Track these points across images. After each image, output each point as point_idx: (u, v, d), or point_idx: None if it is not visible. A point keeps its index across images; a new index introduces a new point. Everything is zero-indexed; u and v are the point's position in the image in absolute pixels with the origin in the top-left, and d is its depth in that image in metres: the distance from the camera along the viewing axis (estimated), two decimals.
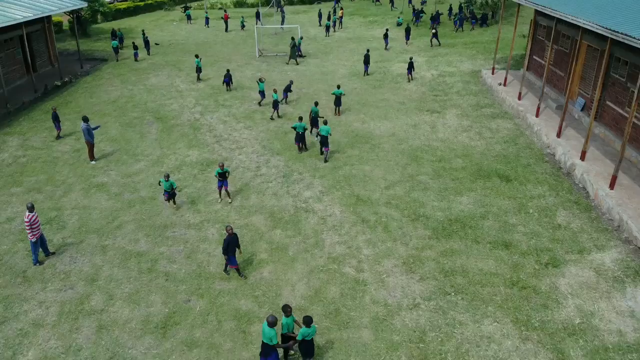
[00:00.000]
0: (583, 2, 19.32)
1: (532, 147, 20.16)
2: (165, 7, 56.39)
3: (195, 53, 36.45)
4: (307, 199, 16.88)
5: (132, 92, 28.86)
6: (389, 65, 32.94)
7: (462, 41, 37.99)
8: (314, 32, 44.70)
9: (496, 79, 27.96)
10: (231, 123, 24.06)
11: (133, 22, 49.67)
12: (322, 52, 37.64)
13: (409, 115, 24.30)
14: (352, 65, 33.60)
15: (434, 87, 28.05)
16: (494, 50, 34.34)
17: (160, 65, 34.44)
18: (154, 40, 41.21)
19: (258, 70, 33.00)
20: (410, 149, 20.51)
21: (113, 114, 25.41)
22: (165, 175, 15.87)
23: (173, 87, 29.57)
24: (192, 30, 46.02)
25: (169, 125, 23.92)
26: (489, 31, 40.76)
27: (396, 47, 37.86)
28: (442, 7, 51.33)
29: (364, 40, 40.88)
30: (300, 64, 34.34)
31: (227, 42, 41.31)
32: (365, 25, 46.91)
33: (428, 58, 34.07)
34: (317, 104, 21.72)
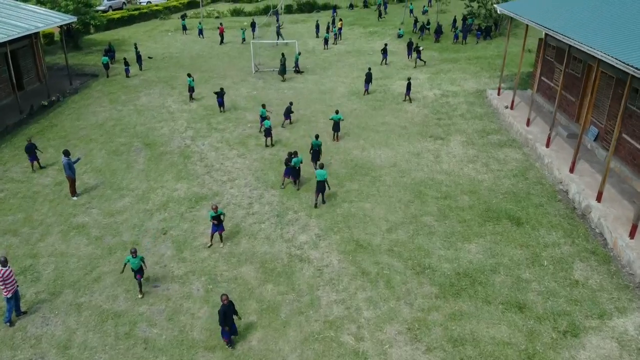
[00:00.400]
0: (597, 26, 18.09)
1: (543, 183, 18.90)
2: (161, 16, 55.07)
3: (189, 68, 35.36)
4: (302, 244, 15.62)
5: (121, 113, 27.58)
6: (389, 83, 31.68)
7: (465, 56, 36.73)
8: (312, 44, 43.44)
9: (502, 101, 26.71)
10: (223, 150, 22.80)
11: (127, 33, 48.39)
12: (321, 67, 36.38)
13: (411, 141, 23.04)
14: (352, 83, 32.34)
15: (437, 110, 26.78)
16: (500, 67, 33.19)
17: (152, 82, 33.17)
18: (147, 54, 39.93)
19: (254, 88, 31.75)
20: (413, 182, 19.26)
21: (99, 140, 24.13)
22: (131, 251, 13.21)
23: (164, 108, 28.31)
24: (187, 42, 44.75)
25: (158, 152, 22.65)
26: (493, 44, 39.50)
27: (397, 62, 36.60)
28: (445, 17, 50.06)
29: (363, 54, 39.63)
30: (297, 80, 33.08)
31: (222, 56, 40.06)
32: (365, 37, 45.66)
33: (430, 75, 32.82)
34: (317, 137, 20.18)
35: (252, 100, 29.38)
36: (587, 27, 18.76)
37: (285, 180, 19.12)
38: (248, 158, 21.96)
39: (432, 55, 37.71)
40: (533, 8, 24.39)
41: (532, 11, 23.93)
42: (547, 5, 24.10)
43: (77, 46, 41.25)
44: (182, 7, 60.40)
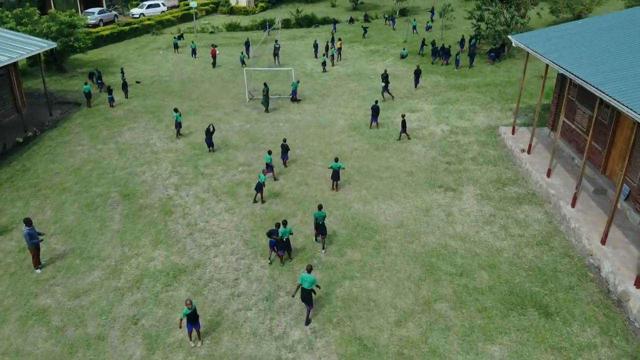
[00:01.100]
0: (631, 73, 15.83)
1: (570, 255, 16.59)
2: (153, 31, 52.77)
3: (178, 96, 33.15)
4: (294, 344, 13.30)
5: (101, 153, 25.27)
6: (392, 116, 29.37)
7: (474, 82, 34.41)
8: (310, 66, 41.15)
9: (517, 141, 24.41)
10: (210, 203, 20.49)
11: (116, 51, 46.09)
12: (319, 93, 34.07)
13: (419, 193, 20.74)
14: (352, 114, 30.05)
15: (446, 151, 24.47)
16: (512, 96, 30.95)
17: (138, 112, 30.85)
18: (135, 77, 37.65)
19: (247, 120, 29.44)
20: (424, 251, 16.95)
21: (74, 189, 21.82)
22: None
23: (148, 146, 26.00)
24: (178, 62, 42.44)
25: (137, 206, 20.34)
26: (502, 68, 37.18)
27: (401, 89, 34.28)
28: (450, 33, 47.79)
29: (365, 78, 37.33)
30: (294, 110, 30.78)
31: (215, 79, 37.75)
32: (366, 57, 43.35)
33: (437, 106, 30.51)
34: (321, 208, 17.00)
35: (245, 136, 27.10)
36: (619, 72, 16.52)
37: (272, 254, 16.69)
38: (237, 214, 19.65)
39: (437, 81, 35.41)
40: (551, 42, 22.12)
41: (551, 46, 21.66)
42: (568, 38, 21.84)
43: (61, 68, 38.95)
44: (175, 21, 58.16)
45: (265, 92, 30.11)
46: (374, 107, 27.09)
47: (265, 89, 30.15)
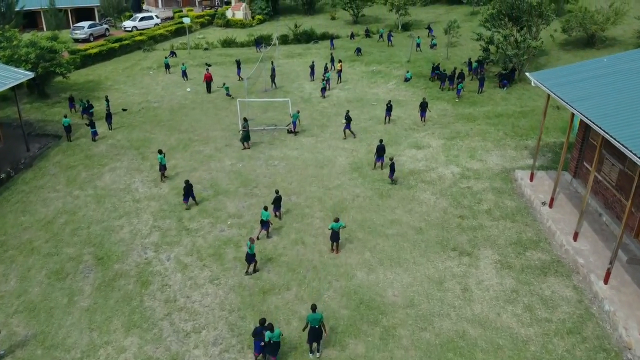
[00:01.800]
0: None
1: (606, 349, 14.27)
2: (144, 47, 50.40)
3: (167, 126, 30.84)
4: None
5: (77, 202, 22.94)
6: (397, 152, 27.05)
7: (483, 112, 32.07)
8: (308, 89, 38.81)
9: (537, 189, 22.09)
10: (193, 269, 18.17)
11: (104, 71, 43.72)
12: (318, 123, 31.75)
13: (430, 257, 18.42)
14: (354, 149, 27.74)
15: (458, 201, 22.13)
16: (526, 130, 28.64)
17: (122, 148, 28.52)
18: (122, 104, 35.34)
19: (240, 157, 27.10)
20: (439, 342, 14.62)
21: (43, 250, 19.50)
22: None
23: (129, 193, 23.66)
24: (169, 85, 40.07)
25: (111, 274, 18.01)
26: (514, 95, 34.78)
27: (405, 119, 31.95)
28: (457, 52, 45.43)
29: (366, 104, 34.98)
30: (291, 145, 28.46)
31: (207, 106, 35.39)
32: (367, 78, 41.00)
33: (445, 141, 28.18)
34: (315, 309, 14.04)
35: (236, 178, 24.78)
36: None
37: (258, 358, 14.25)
38: (222, 285, 17.33)
39: (445, 109, 33.07)
40: (574, 84, 19.80)
41: (574, 89, 19.36)
42: (594, 80, 19.53)
43: (43, 93, 36.60)
44: (169, 35, 55.81)
45: (246, 127, 27.67)
46: (379, 146, 24.78)
47: (244, 124, 27.67)
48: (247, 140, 27.96)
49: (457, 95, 34.40)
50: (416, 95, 36.20)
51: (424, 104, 30.01)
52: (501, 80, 35.76)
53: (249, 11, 63.41)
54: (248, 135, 27.90)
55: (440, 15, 59.28)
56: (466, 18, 55.58)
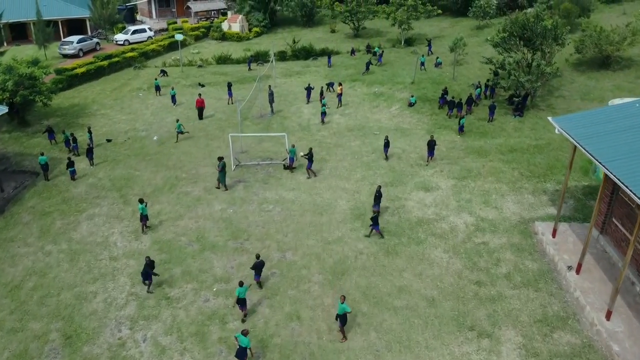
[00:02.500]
0: None
1: None
2: (135, 65, 48.02)
3: (153, 162, 28.45)
4: None
5: (49, 260, 20.60)
6: (402, 195, 24.72)
7: (496, 145, 29.69)
8: (307, 114, 36.47)
9: (560, 248, 19.75)
10: (172, 355, 15.83)
11: (91, 93, 41.32)
12: (317, 157, 29.27)
13: (445, 339, 16.08)
14: (355, 190, 25.41)
15: (473, 261, 19.77)
16: (544, 170, 26.27)
17: (102, 189, 26.17)
18: (106, 133, 33.02)
19: (231, 200, 24.77)
20: None
21: (6, 324, 17.22)
22: None
23: (107, 248, 21.32)
24: (158, 109, 37.70)
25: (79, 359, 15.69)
26: (527, 124, 32.33)
27: (410, 153, 29.58)
28: (464, 70, 43.03)
29: (368, 134, 32.61)
30: (287, 185, 26.13)
31: (198, 135, 33.04)
32: (369, 101, 38.64)
33: (455, 182, 25.83)
34: None
35: (226, 228, 22.45)
36: None
37: None
38: None
39: (453, 141, 30.70)
40: (604, 136, 17.47)
41: (603, 141, 17.04)
42: (628, 132, 17.22)
43: (23, 121, 34.25)
44: (162, 50, 53.45)
45: (221, 167, 25.28)
46: (377, 194, 22.50)
47: (220, 164, 25.28)
48: (222, 182, 25.54)
49: (460, 132, 31.34)
50: (421, 123, 33.87)
51: (432, 143, 27.34)
52: (514, 109, 33.35)
53: (246, 23, 61.09)
54: (224, 176, 25.46)
55: (445, 29, 56.94)
56: (472, 33, 53.23)
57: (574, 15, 46.46)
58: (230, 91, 38.94)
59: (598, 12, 49.96)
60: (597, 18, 48.99)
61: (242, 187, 26.10)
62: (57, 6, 62.32)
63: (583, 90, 35.96)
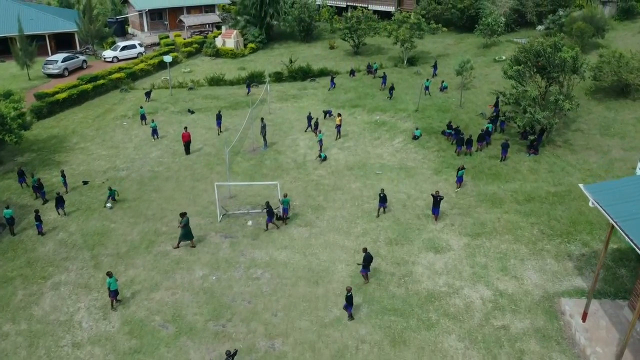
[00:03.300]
0: None
1: None
2: (122, 87, 45.24)
3: (132, 210, 25.61)
4: None
5: (4, 346, 17.85)
6: (409, 258, 21.96)
7: (511, 190, 26.87)
8: (303, 148, 33.71)
9: (592, 337, 16.98)
10: None
11: (72, 122, 38.46)
12: (313, 203, 26.65)
13: None
14: (356, 249, 22.64)
15: (493, 353, 16.99)
16: (566, 225, 23.48)
17: (73, 247, 23.40)
18: (83, 174, 30.25)
19: (215, 263, 22.01)
20: None
21: None
22: None
23: (70, 331, 18.55)
24: (143, 142, 34.87)
25: None
26: (543, 162, 29.48)
27: (416, 198, 26.83)
28: (472, 96, 40.22)
29: (369, 173, 29.85)
30: (279, 241, 23.37)
31: (184, 173, 30.28)
32: (370, 132, 35.86)
33: (468, 240, 23.04)
34: None
35: (207, 303, 19.72)
36: None
37: None
38: None
39: (464, 183, 27.89)
40: None
41: None
42: None
43: None
44: (151, 70, 50.64)
45: (184, 223, 22.49)
46: (366, 256, 19.89)
47: (183, 220, 22.45)
48: (188, 239, 22.77)
49: (458, 184, 27.53)
50: (427, 161, 31.09)
51: (437, 199, 24.04)
52: (529, 146, 30.55)
53: (241, 39, 58.31)
54: (187, 233, 22.68)
55: (450, 47, 54.11)
56: (478, 52, 50.41)
57: (587, 35, 43.68)
58: (219, 121, 36.29)
59: (612, 30, 47.14)
60: (611, 37, 46.27)
61: (228, 245, 23.33)
62: (44, 20, 59.67)
63: (602, 124, 33.18)
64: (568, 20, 45.93)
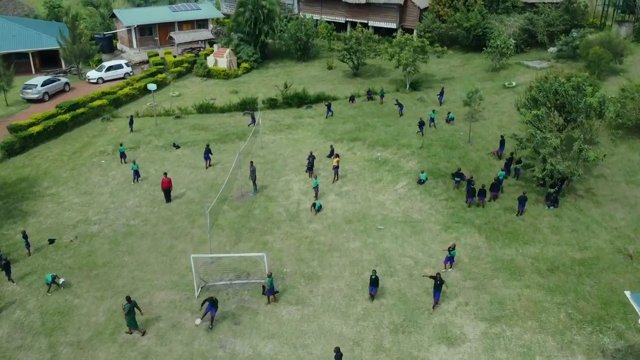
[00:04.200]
0: None
1: None
2: (104, 116, 42.02)
3: (100, 278, 22.26)
4: None
5: None
6: (418, 353, 18.78)
7: (530, 257, 23.63)
8: (297, 193, 30.53)
9: None
10: None
11: (45, 159, 35.09)
12: (305, 271, 23.49)
13: None
14: (356, 343, 19.48)
15: None
16: (597, 308, 20.27)
17: (29, 332, 20.22)
18: (51, 229, 27.10)
19: (188, 358, 18.78)
20: None
21: None
22: None
23: None
24: (120, 186, 31.60)
25: None
26: (565, 218, 26.23)
27: (425, 265, 23.66)
28: (481, 129, 36.99)
29: (371, 228, 26.68)
30: (265, 325, 20.19)
31: (162, 228, 27.11)
32: (371, 171, 32.66)
33: (486, 326, 19.83)
34: None
35: None
36: None
37: None
38: None
39: (477, 246, 24.74)
40: None
41: None
42: None
43: None
44: (137, 94, 47.39)
45: (128, 309, 19.29)
46: None
47: (127, 307, 19.28)
48: (131, 327, 19.63)
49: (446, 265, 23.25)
50: (435, 212, 27.92)
51: (438, 282, 20.46)
52: (546, 197, 27.41)
53: (234, 58, 55.03)
54: (132, 321, 19.53)
55: (455, 69, 50.84)
56: (487, 75, 47.19)
57: (605, 61, 40.54)
58: (207, 155, 33.38)
59: (629, 54, 43.97)
60: (629, 62, 43.16)
61: (204, 334, 20.06)
62: (27, 36, 56.50)
63: (627, 168, 30.04)
64: (583, 43, 42.77)
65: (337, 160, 31.89)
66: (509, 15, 51.48)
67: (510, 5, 52.64)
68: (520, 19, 50.12)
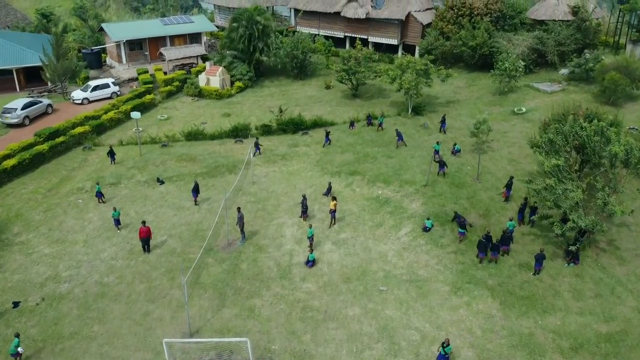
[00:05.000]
0: None
1: None
2: (85, 145, 39.23)
3: (66, 351, 19.55)
4: None
5: None
6: None
7: (551, 330, 20.90)
8: (290, 241, 27.83)
9: None
10: None
11: (19, 198, 32.26)
12: (296, 349, 20.78)
13: None
14: None
15: None
16: None
17: None
18: (16, 288, 24.36)
19: None
20: None
21: None
22: None
23: None
24: (96, 232, 28.81)
25: None
26: (588, 279, 23.49)
27: (435, 338, 20.91)
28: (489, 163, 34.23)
29: (372, 289, 23.99)
30: None
31: (138, 287, 24.39)
32: (371, 212, 29.94)
33: None
34: None
35: None
36: None
37: None
38: None
39: (490, 314, 22.01)
40: None
41: None
42: None
43: None
44: (123, 119, 44.60)
45: None
46: None
47: None
48: None
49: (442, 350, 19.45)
50: (443, 268, 25.22)
51: None
52: (566, 252, 24.66)
53: (227, 76, 52.25)
54: None
55: (460, 90, 48.06)
56: (494, 99, 44.44)
57: (622, 87, 37.82)
58: (195, 193, 31.07)
59: None
60: None
61: None
62: (11, 52, 53.86)
63: None
64: (598, 67, 40.02)
65: (334, 204, 29.08)
66: (517, 34, 48.72)
67: (518, 23, 49.89)
68: (529, 38, 47.37)
